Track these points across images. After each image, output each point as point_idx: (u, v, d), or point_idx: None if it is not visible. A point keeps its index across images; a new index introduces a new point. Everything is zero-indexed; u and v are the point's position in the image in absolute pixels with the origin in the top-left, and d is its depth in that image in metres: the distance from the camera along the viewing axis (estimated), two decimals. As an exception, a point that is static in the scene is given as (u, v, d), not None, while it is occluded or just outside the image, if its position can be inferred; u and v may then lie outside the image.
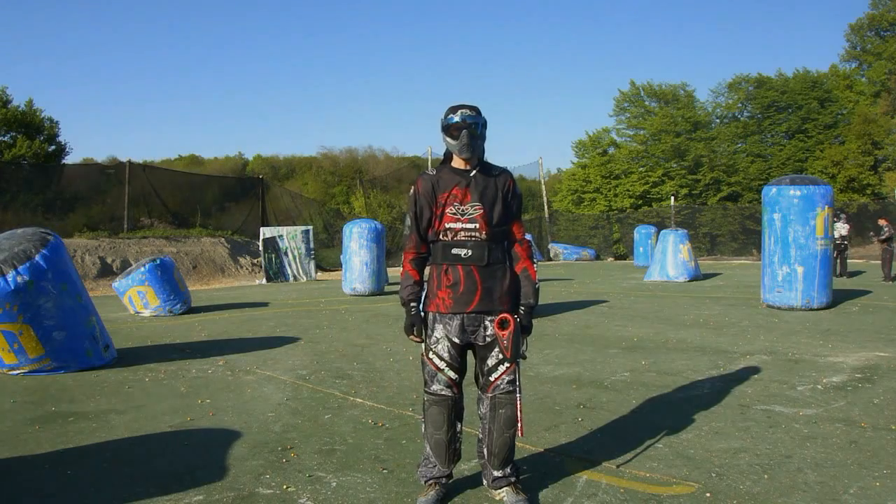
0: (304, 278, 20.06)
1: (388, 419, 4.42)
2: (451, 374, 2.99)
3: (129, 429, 4.30)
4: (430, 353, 3.02)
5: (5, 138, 23.76)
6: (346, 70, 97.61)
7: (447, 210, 2.97)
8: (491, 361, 2.99)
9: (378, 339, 7.92)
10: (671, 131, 37.49)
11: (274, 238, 19.98)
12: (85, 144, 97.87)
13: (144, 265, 10.60)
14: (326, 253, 25.41)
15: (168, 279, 10.74)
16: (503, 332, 2.87)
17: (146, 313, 10.59)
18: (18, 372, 5.94)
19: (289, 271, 20.00)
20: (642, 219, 32.46)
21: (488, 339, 2.97)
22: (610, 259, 33.49)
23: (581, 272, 21.52)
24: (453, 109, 2.99)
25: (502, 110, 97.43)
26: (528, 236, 3.18)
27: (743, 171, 36.66)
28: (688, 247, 16.70)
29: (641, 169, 38.24)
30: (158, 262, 10.72)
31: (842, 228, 16.54)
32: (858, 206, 30.30)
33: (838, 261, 16.43)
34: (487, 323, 2.96)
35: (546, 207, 36.94)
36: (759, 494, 3.08)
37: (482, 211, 2.94)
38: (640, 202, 37.22)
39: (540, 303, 12.27)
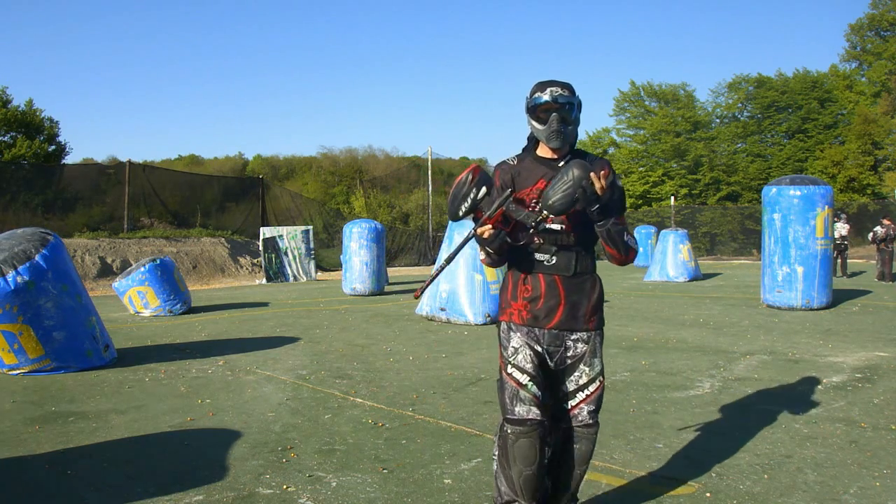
0: (304, 278, 20.06)
1: (388, 419, 4.42)
2: (536, 391, 2.49)
3: (129, 429, 4.30)
4: (510, 366, 2.52)
5: (5, 138, 23.77)
6: (346, 70, 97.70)
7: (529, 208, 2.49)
8: (570, 386, 2.59)
9: (378, 339, 7.92)
10: (671, 131, 37.51)
11: (274, 238, 19.99)
12: (85, 144, 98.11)
13: (144, 265, 10.60)
14: (326, 253, 25.42)
15: (168, 279, 10.73)
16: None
17: (146, 313, 10.58)
18: (18, 372, 5.93)
19: (289, 271, 20.00)
20: (642, 219, 32.48)
21: (569, 362, 2.57)
22: (610, 259, 33.44)
23: (581, 272, 21.48)
24: (541, 86, 2.50)
25: (502, 110, 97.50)
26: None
27: (743, 171, 36.69)
28: (688, 247, 16.71)
29: (641, 169, 38.26)
30: (158, 262, 10.71)
31: (842, 229, 16.57)
32: (858, 206, 30.31)
33: (839, 261, 16.50)
34: (570, 343, 2.56)
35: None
36: (759, 494, 3.08)
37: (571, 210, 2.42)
38: (640, 202, 37.25)
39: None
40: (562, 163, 2.51)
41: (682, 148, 37.05)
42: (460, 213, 2.42)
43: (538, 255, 2.52)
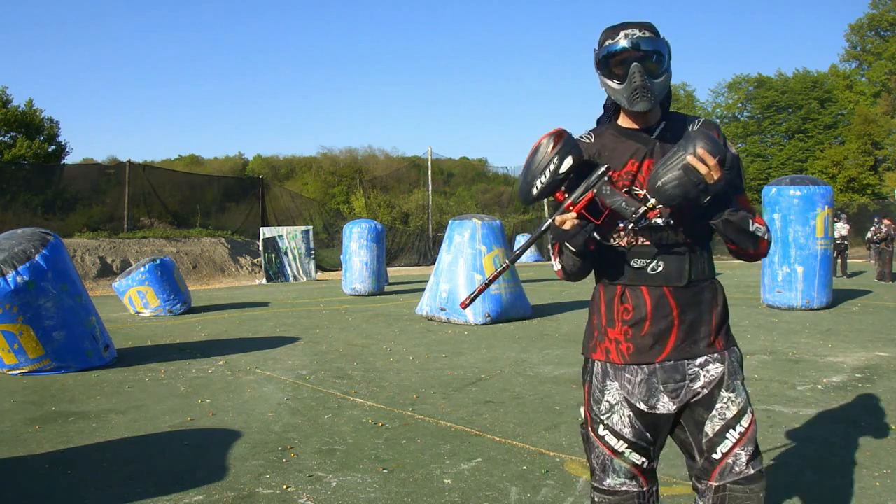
0: (304, 278, 20.06)
1: (388, 419, 4.42)
2: (636, 459, 1.90)
3: (129, 429, 4.30)
4: (601, 427, 1.91)
5: (5, 138, 23.79)
6: (346, 70, 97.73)
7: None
8: (715, 425, 1.86)
9: (378, 339, 7.93)
10: (671, 131, 37.53)
11: (274, 238, 19.99)
12: (85, 144, 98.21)
13: (144, 265, 10.60)
14: (326, 253, 25.42)
15: (168, 279, 10.74)
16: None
17: (146, 313, 10.59)
18: (18, 372, 5.94)
19: (289, 271, 20.01)
20: (642, 219, 32.44)
21: (703, 392, 1.87)
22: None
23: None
24: (613, 31, 1.82)
25: (502, 110, 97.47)
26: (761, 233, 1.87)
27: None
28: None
29: (641, 169, 38.27)
30: (158, 262, 10.72)
31: (842, 229, 16.57)
32: (858, 206, 30.32)
33: (839, 261, 16.51)
34: (694, 370, 1.87)
35: (546, 208, 36.94)
36: (759, 494, 3.08)
37: None
38: (640, 202, 37.24)
39: (540, 303, 12.13)
40: (656, 132, 1.86)
41: (682, 148, 37.09)
42: (534, 192, 1.80)
43: (638, 261, 1.85)
